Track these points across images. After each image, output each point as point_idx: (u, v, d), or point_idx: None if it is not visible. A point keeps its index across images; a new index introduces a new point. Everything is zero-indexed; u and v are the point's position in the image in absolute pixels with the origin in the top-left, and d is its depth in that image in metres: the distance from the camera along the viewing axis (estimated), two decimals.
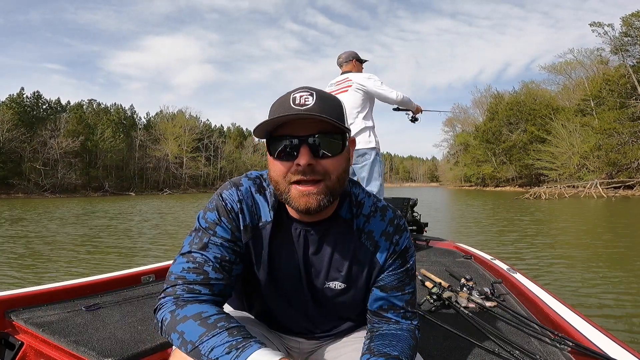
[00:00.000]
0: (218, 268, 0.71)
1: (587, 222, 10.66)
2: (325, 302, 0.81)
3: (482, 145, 51.17)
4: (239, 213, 0.75)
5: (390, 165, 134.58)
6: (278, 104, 0.69)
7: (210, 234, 0.73)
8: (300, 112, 0.65)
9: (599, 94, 33.00)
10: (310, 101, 0.66)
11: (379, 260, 0.78)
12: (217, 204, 0.75)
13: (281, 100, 0.69)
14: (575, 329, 1.12)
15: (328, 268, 0.78)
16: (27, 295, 1.39)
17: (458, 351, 1.11)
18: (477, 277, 1.92)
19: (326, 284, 0.79)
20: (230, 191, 0.76)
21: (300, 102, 0.66)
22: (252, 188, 0.77)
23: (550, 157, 35.63)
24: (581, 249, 6.31)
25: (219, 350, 0.57)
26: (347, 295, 0.80)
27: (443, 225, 9.95)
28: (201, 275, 0.70)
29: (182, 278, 0.70)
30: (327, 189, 0.68)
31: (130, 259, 5.93)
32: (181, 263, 0.72)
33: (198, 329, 0.61)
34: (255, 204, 0.77)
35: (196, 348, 0.59)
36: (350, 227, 0.77)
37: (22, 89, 50.40)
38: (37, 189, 42.53)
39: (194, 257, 0.71)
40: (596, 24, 33.02)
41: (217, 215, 0.74)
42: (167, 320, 0.65)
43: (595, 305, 3.44)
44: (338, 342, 0.88)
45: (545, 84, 47.42)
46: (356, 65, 2.84)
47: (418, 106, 2.91)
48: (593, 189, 24.76)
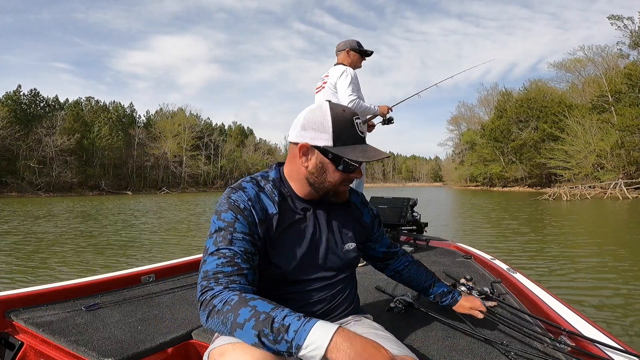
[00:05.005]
0: (245, 259, 0.81)
1: (627, 227, 9.24)
2: (345, 264, 0.98)
3: (490, 143, 49.39)
4: (252, 209, 0.86)
5: (393, 164, 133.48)
6: (349, 126, 0.87)
7: (231, 231, 0.82)
8: (381, 155, 0.88)
9: (620, 89, 31.28)
10: (363, 130, 0.85)
11: (367, 221, 1.08)
12: (229, 206, 0.85)
13: (349, 122, 0.87)
14: (576, 328, 1.11)
15: (340, 235, 0.99)
16: (27, 295, 1.40)
17: (458, 351, 1.10)
18: (477, 277, 1.90)
19: (344, 247, 0.98)
20: (239, 193, 0.87)
21: (361, 130, 0.89)
22: (255, 188, 0.90)
23: (565, 155, 33.81)
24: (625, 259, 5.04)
25: (290, 318, 0.67)
26: (358, 252, 1.02)
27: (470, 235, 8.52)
28: (235, 267, 0.79)
29: (220, 272, 0.78)
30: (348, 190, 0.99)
31: (127, 258, 5.84)
32: (213, 260, 0.79)
33: (267, 305, 0.70)
34: (260, 201, 0.89)
35: (270, 316, 0.67)
36: (344, 202, 1.00)
37: (19, 86, 49.54)
38: (31, 188, 41.51)
39: (223, 253, 0.80)
40: (615, 17, 31.63)
41: (232, 214, 0.84)
42: (234, 300, 0.72)
43: (596, 305, 3.40)
44: (350, 324, 0.98)
45: (552, 82, 45.90)
46: (350, 57, 2.60)
47: (383, 107, 2.66)
48: (617, 190, 22.86)
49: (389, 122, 2.76)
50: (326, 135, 0.85)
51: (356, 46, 2.62)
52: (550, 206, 16.83)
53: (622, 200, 19.90)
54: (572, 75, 42.40)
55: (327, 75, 2.58)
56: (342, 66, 2.54)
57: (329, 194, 0.92)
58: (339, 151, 0.85)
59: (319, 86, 2.65)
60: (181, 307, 1.45)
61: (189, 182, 59.99)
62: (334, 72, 2.53)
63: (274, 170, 0.96)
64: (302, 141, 0.87)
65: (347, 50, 2.59)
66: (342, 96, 2.45)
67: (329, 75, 2.56)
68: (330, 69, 2.60)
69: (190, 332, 1.22)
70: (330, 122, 0.85)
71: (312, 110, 0.89)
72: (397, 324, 1.28)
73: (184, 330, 1.22)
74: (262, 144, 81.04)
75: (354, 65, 2.61)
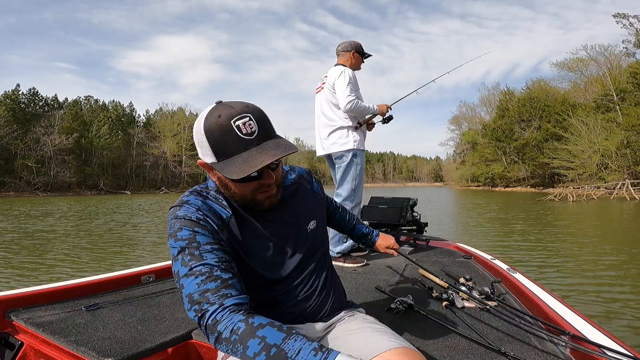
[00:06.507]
0: (224, 269, 0.73)
1: (638, 227, 8.99)
2: (316, 244, 0.95)
3: (492, 143, 49.07)
4: (206, 218, 0.78)
5: (393, 165, 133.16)
6: (225, 134, 0.73)
7: (196, 246, 0.74)
8: (272, 156, 0.72)
9: (626, 87, 30.83)
10: (255, 127, 0.73)
11: (317, 191, 1.04)
12: (181, 223, 0.77)
13: (224, 129, 0.73)
14: (576, 328, 1.10)
15: (299, 217, 0.93)
16: (27, 295, 1.39)
17: (458, 351, 1.10)
18: (477, 277, 1.91)
19: (307, 229, 0.94)
20: (184, 208, 0.79)
21: (248, 132, 0.73)
22: (199, 199, 0.82)
23: (569, 155, 33.41)
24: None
25: (305, 352, 0.60)
26: (320, 227, 0.98)
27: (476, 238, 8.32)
28: (218, 280, 0.71)
29: (206, 291, 0.70)
30: (278, 188, 0.84)
31: (127, 258, 5.77)
32: (192, 282, 0.71)
33: (278, 334, 0.63)
34: (211, 209, 0.81)
35: (281, 351, 0.61)
36: (293, 184, 0.97)
37: (17, 85, 49.31)
38: (28, 187, 41.22)
39: (199, 271, 0.72)
40: (620, 15, 31.11)
41: (188, 229, 0.76)
42: (241, 329, 0.65)
43: (596, 305, 3.40)
44: (341, 329, 0.93)
45: (554, 82, 45.62)
46: (354, 58, 2.62)
47: (382, 106, 2.63)
48: (624, 190, 22.40)
49: (388, 120, 2.75)
50: (208, 151, 0.76)
51: (360, 48, 2.64)
52: (556, 207, 16.52)
53: (630, 201, 19.46)
54: (574, 74, 42.31)
55: (326, 76, 2.59)
56: (340, 67, 2.55)
57: (252, 204, 0.83)
58: (221, 167, 0.75)
59: (319, 87, 2.67)
60: (181, 307, 1.44)
61: (188, 181, 59.81)
62: (333, 72, 2.54)
63: (211, 180, 0.88)
64: (199, 159, 0.80)
65: (353, 52, 2.60)
66: (340, 96, 2.45)
67: (328, 76, 2.57)
68: (330, 69, 2.61)
69: (190, 332, 1.21)
70: (205, 137, 0.75)
71: (195, 123, 0.80)
72: (397, 324, 1.29)
73: (184, 330, 1.21)
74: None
75: (356, 67, 2.64)
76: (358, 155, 2.49)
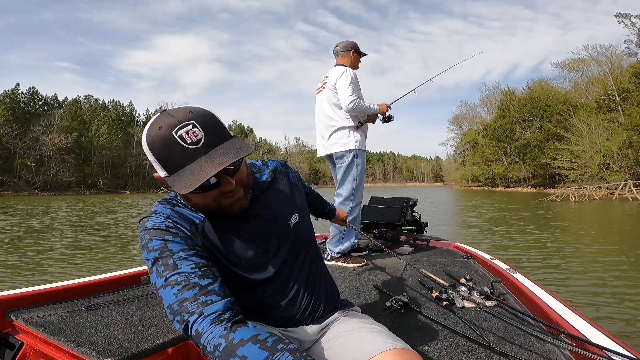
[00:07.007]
0: (202, 275, 0.70)
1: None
2: (302, 239, 0.92)
3: (492, 143, 49.02)
4: (176, 225, 0.75)
5: (393, 164, 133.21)
6: (168, 147, 0.68)
7: (169, 255, 0.71)
8: (220, 165, 0.66)
9: (628, 87, 30.76)
10: (200, 134, 0.68)
11: (295, 182, 1.00)
12: (151, 234, 0.73)
13: (167, 142, 0.67)
14: (576, 328, 1.10)
15: (280, 212, 0.89)
16: (27, 295, 1.39)
17: (458, 351, 1.10)
18: (477, 277, 1.90)
19: (289, 223, 0.90)
20: (152, 218, 0.76)
21: (193, 141, 0.67)
22: (168, 207, 0.79)
23: (570, 155, 33.32)
24: None
25: None
26: (303, 220, 0.95)
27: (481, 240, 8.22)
28: (195, 288, 0.68)
29: (184, 300, 0.67)
30: (245, 190, 0.79)
31: (127, 258, 5.73)
32: (169, 292, 0.68)
33: (260, 352, 0.59)
34: (182, 215, 0.78)
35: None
36: (267, 179, 0.93)
37: (17, 84, 49.25)
38: (28, 187, 41.22)
39: (175, 280, 0.68)
40: (622, 15, 31.11)
41: (159, 239, 0.73)
42: (222, 346, 0.61)
43: (596, 305, 3.39)
44: (335, 330, 0.90)
45: (555, 82, 45.66)
46: (354, 58, 2.65)
47: (382, 105, 2.65)
48: (627, 191, 22.22)
49: (388, 120, 2.77)
50: (157, 165, 0.71)
51: (358, 48, 2.68)
52: (558, 207, 16.47)
53: (632, 202, 19.25)
54: (575, 75, 42.34)
55: (327, 76, 2.60)
56: (342, 67, 2.56)
57: (219, 211, 0.78)
58: (172, 182, 0.70)
59: (320, 87, 2.67)
60: None
61: None
62: (334, 72, 2.55)
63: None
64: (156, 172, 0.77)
65: (352, 52, 2.63)
66: (342, 96, 2.46)
67: (329, 76, 2.58)
68: (330, 69, 2.62)
69: None
70: (150, 152, 0.71)
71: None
72: (397, 324, 1.28)
73: None
74: (263, 143, 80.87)
75: (355, 66, 2.65)
76: (359, 155, 2.49)
